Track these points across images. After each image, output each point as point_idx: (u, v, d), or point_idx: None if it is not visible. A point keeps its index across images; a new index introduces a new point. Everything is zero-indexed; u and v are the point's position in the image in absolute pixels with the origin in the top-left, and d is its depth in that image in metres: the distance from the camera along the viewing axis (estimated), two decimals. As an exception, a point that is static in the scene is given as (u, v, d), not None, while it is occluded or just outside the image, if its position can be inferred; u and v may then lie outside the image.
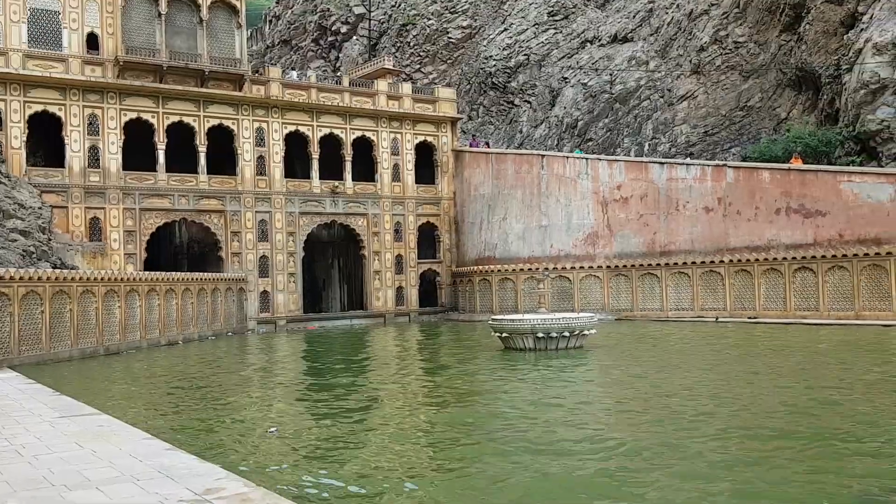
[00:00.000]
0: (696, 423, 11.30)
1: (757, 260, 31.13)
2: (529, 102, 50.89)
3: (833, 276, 28.91)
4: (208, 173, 36.47)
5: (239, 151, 37.30)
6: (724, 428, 10.94)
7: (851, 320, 27.74)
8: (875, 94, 31.22)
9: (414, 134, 42.21)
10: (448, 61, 55.69)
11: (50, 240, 29.71)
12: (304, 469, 9.38)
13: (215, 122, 36.63)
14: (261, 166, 37.91)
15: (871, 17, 32.88)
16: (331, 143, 39.92)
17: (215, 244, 36.98)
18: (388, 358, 24.34)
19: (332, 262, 44.82)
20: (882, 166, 30.21)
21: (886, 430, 10.34)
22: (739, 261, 31.69)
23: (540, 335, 21.15)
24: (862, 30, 33.16)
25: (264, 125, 37.98)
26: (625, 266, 35.46)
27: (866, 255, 27.89)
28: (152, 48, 34.64)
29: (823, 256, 29.12)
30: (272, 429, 11.61)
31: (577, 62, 48.95)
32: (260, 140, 37.89)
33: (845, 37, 34.75)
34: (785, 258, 30.26)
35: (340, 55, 60.16)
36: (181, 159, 36.26)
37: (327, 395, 15.44)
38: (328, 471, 9.19)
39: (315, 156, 39.20)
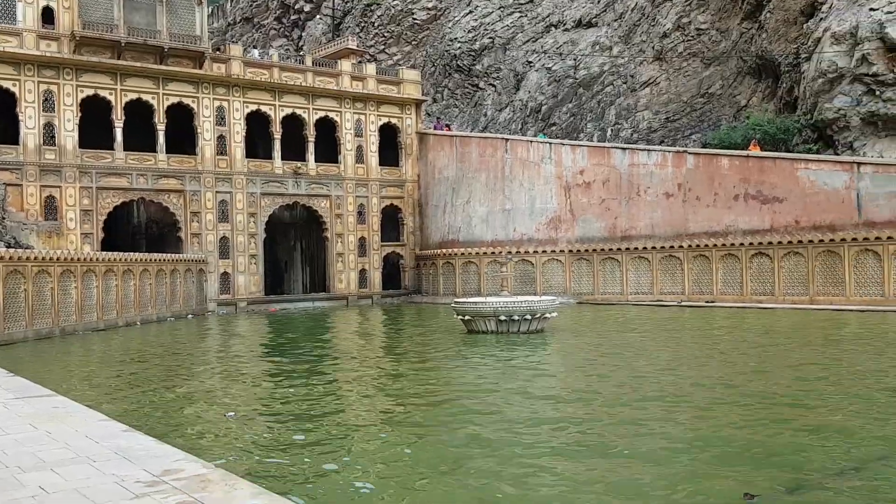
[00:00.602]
0: (647, 403, 11.49)
1: (715, 245, 31.64)
2: (494, 86, 50.86)
3: (789, 262, 29.52)
4: (167, 152, 35.87)
5: (199, 130, 36.70)
6: (675, 410, 11.14)
7: (806, 305, 28.38)
8: (832, 83, 31.79)
9: (378, 115, 41.95)
10: (413, 43, 55.33)
11: (4, 219, 28.99)
12: (263, 450, 9.34)
13: (175, 100, 35.97)
14: (221, 146, 37.38)
15: (829, 7, 33.41)
16: (293, 124, 39.49)
17: (174, 224, 36.44)
18: (349, 340, 24.29)
19: (295, 243, 44.48)
20: (838, 154, 30.83)
21: (831, 410, 10.63)
22: (698, 246, 32.17)
23: (502, 318, 21.26)
24: (821, 19, 33.69)
25: (225, 104, 37.40)
26: (587, 250, 35.78)
27: (821, 241, 28.50)
28: (110, 24, 33.83)
29: (780, 242, 29.70)
30: (230, 412, 11.52)
31: (542, 46, 48.99)
32: (221, 119, 37.33)
33: (805, 26, 35.28)
34: (742, 244, 30.79)
35: (303, 34, 59.43)
36: (140, 138, 35.59)
37: (286, 377, 15.36)
38: (287, 452, 9.16)
39: (277, 136, 38.76)
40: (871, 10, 30.36)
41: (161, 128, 35.53)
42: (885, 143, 30.36)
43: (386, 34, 55.86)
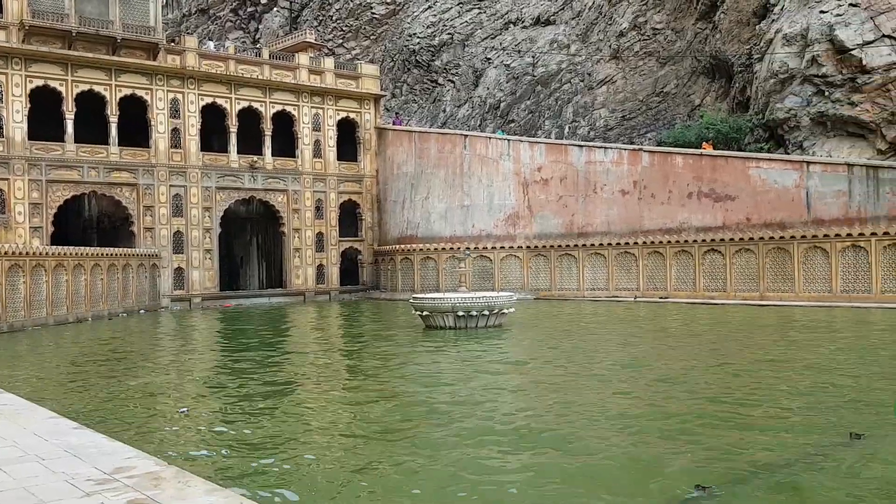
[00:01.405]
0: (601, 396, 11.64)
1: (669, 242, 32.14)
2: (453, 82, 50.90)
3: (740, 259, 30.13)
4: (120, 145, 35.14)
5: (153, 123, 36.03)
6: (628, 403, 11.31)
7: (756, 301, 29.01)
8: (784, 83, 32.50)
9: (336, 110, 41.66)
10: (371, 37, 55.07)
11: (-53, 211, 28.12)
12: (216, 447, 9.23)
13: (128, 91, 35.25)
14: (176, 139, 36.75)
15: (781, 9, 34.15)
16: (250, 117, 39.00)
17: (127, 219, 35.74)
18: (306, 337, 24.12)
19: (251, 238, 43.99)
20: (788, 154, 31.55)
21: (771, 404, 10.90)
22: (653, 242, 32.64)
23: (460, 314, 21.32)
24: (773, 21, 34.41)
25: (180, 96, 36.78)
26: (544, 247, 36.05)
27: (772, 238, 29.15)
28: (61, 13, 33.00)
29: (732, 239, 30.29)
30: (183, 408, 11.36)
31: (501, 43, 49.18)
32: (175, 111, 36.70)
33: (757, 27, 36.00)
34: (696, 241, 31.34)
35: (260, 27, 58.71)
36: (91, 130, 34.81)
37: (240, 373, 15.20)
38: (239, 448, 9.07)
39: (233, 129, 38.24)
40: (822, 12, 31.11)
41: (113, 120, 34.79)
42: (833, 143, 31.16)
43: (344, 28, 55.50)
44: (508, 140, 38.10)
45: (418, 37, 52.16)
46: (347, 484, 7.68)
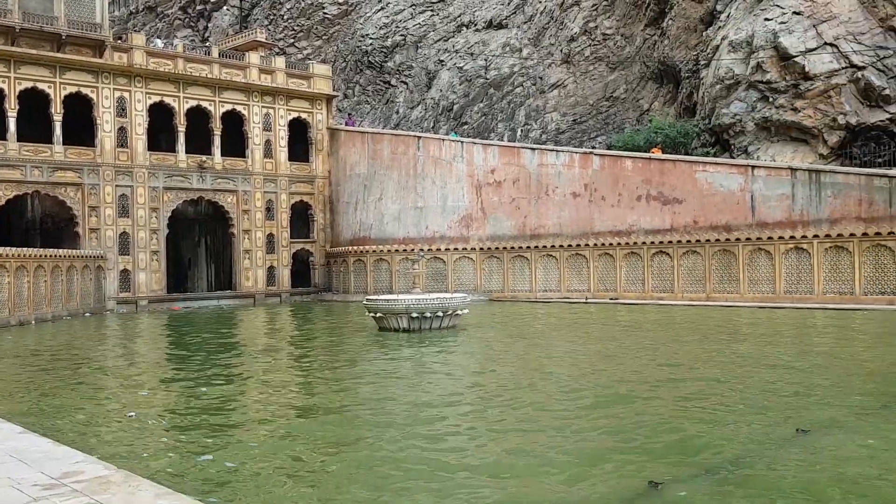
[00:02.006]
0: (553, 395, 11.76)
1: (619, 244, 32.62)
2: (406, 83, 50.88)
3: (687, 261, 30.74)
4: (65, 144, 34.26)
5: (98, 122, 35.21)
6: (580, 401, 11.45)
7: (703, 301, 29.62)
8: (729, 89, 33.29)
9: (287, 110, 41.27)
10: (323, 37, 54.72)
11: None
12: (164, 451, 9.06)
13: (73, 89, 34.38)
14: (122, 138, 35.97)
15: (727, 16, 34.98)
16: (199, 116, 38.39)
17: (71, 219, 34.84)
18: (255, 339, 23.82)
19: (199, 240, 43.29)
20: (734, 158, 32.30)
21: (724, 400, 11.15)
22: (603, 245, 33.09)
23: (414, 315, 21.29)
24: (719, 27, 35.23)
25: (126, 94, 36.01)
26: (497, 248, 36.26)
27: (718, 240, 29.81)
28: (3, 8, 32.08)
29: (679, 242, 30.89)
30: (130, 413, 11.12)
31: (454, 45, 49.34)
32: (121, 110, 35.92)
33: (704, 33, 36.82)
34: (644, 243, 31.86)
35: (210, 25, 57.84)
36: (35, 128, 33.87)
37: (188, 376, 14.94)
38: (188, 452, 8.92)
39: (181, 129, 37.59)
40: (766, 19, 31.95)
41: (58, 118, 33.90)
42: (777, 148, 32.02)
43: (295, 28, 55.03)
44: (462, 142, 38.23)
45: (371, 38, 52.01)
46: (293, 485, 7.60)
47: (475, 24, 49.46)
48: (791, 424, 9.23)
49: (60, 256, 31.18)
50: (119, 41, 36.93)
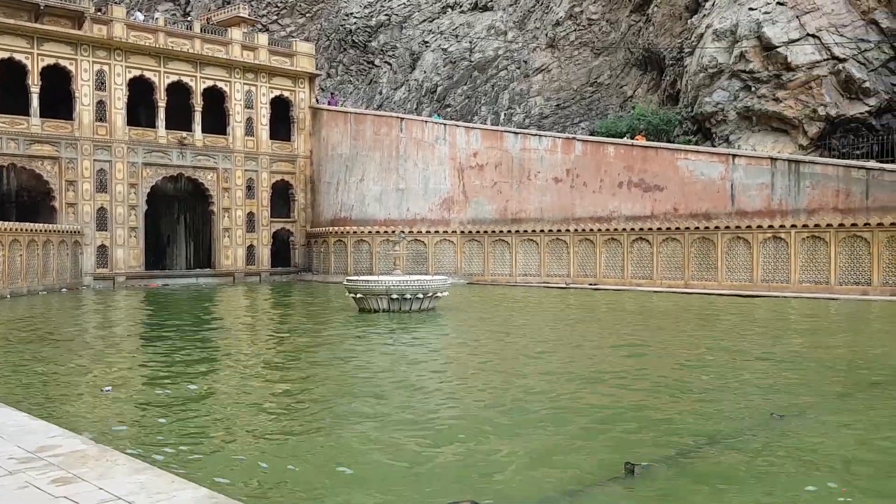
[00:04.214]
0: (530, 377, 11.84)
1: (600, 230, 32.76)
2: (390, 64, 50.57)
3: (667, 248, 30.95)
4: (42, 116, 33.75)
5: (77, 95, 34.69)
6: (556, 383, 11.53)
7: (681, 288, 29.87)
8: (713, 77, 33.41)
9: (270, 87, 40.87)
10: (307, 15, 54.18)
11: None
12: (141, 426, 9.03)
13: (51, 61, 33.82)
14: (101, 112, 35.48)
15: (712, 4, 35.04)
16: (180, 92, 37.93)
17: (48, 193, 34.38)
18: (233, 317, 23.73)
19: (178, 217, 42.92)
20: (715, 146, 32.49)
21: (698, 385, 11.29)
22: (584, 230, 33.22)
23: (394, 297, 21.32)
24: (704, 15, 35.29)
25: (106, 68, 35.48)
26: (478, 232, 36.29)
27: (697, 228, 30.02)
28: (-23, -26, 31.38)
29: (659, 229, 31.07)
30: (106, 387, 11.05)
31: (438, 27, 49.06)
32: (101, 84, 35.40)
33: (689, 21, 36.88)
34: (625, 229, 32.02)
35: None
36: (11, 100, 33.29)
37: (165, 352, 14.87)
38: (165, 428, 8.89)
39: (162, 104, 37.14)
40: (751, 9, 32.05)
41: (35, 90, 33.35)
42: (757, 138, 32.24)
43: (279, 4, 54.43)
44: (445, 125, 38.11)
45: (355, 17, 51.58)
46: (274, 462, 7.61)
47: (460, 6, 49.19)
48: (765, 409, 9.35)
49: (37, 231, 30.80)
50: (99, 13, 36.30)
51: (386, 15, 50.83)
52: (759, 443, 8.06)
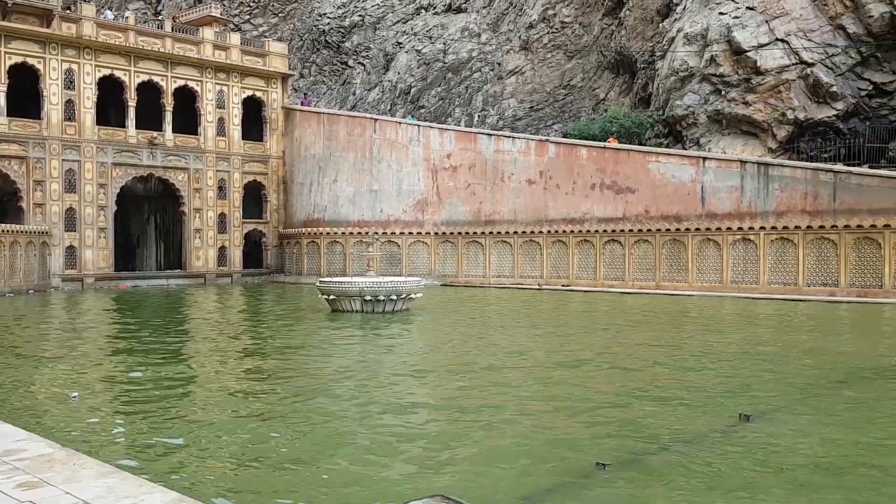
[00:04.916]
0: (502, 378, 11.88)
1: (572, 232, 32.96)
2: (363, 65, 50.45)
3: (638, 249, 31.22)
4: (9, 115, 33.19)
5: (45, 93, 34.17)
6: (529, 384, 11.58)
7: (652, 290, 30.15)
8: (683, 81, 33.77)
9: (242, 87, 40.57)
10: (280, 14, 53.89)
11: None
12: (109, 431, 8.91)
13: (18, 59, 33.29)
14: (70, 111, 34.98)
15: (683, 9, 35.42)
16: (150, 91, 37.51)
17: (15, 193, 33.81)
18: (205, 319, 23.50)
19: (149, 218, 42.45)
20: (686, 149, 32.84)
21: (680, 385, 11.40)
22: (557, 232, 33.40)
23: (367, 298, 21.27)
24: (675, 19, 35.66)
25: (75, 66, 34.99)
26: (452, 233, 36.33)
27: (668, 230, 30.32)
28: (-58, -31, 30.80)
29: (631, 230, 31.34)
30: (74, 394, 10.88)
31: (412, 28, 49.05)
32: (69, 82, 34.90)
33: (661, 25, 37.24)
34: (597, 231, 32.25)
35: (163, -2, 56.44)
36: (-25, 97, 32.71)
37: (134, 356, 14.69)
38: (133, 433, 8.79)
39: (132, 103, 36.70)
40: (721, 14, 32.45)
41: (2, 89, 32.80)
42: (727, 141, 32.64)
43: (252, 4, 54.08)
44: (418, 126, 38.11)
45: (328, 17, 51.40)
46: (242, 468, 7.55)
47: (434, 7, 49.23)
48: (734, 410, 9.46)
49: (3, 231, 30.28)
50: (68, 11, 35.79)
51: (360, 16, 50.72)
52: (727, 444, 8.15)
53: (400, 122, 38.88)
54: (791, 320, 21.02)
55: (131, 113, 36.73)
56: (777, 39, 31.28)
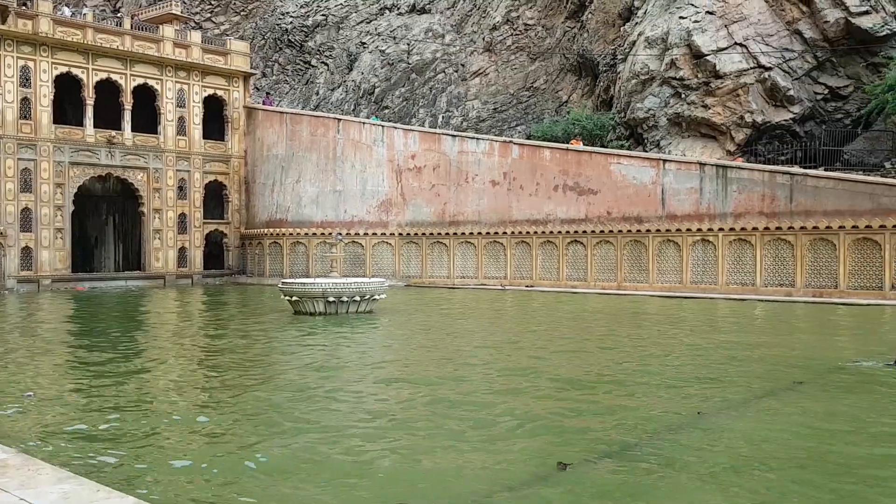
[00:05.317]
0: (464, 379, 11.92)
1: (536, 233, 33.18)
2: (327, 64, 50.19)
3: (600, 250, 31.54)
4: (-40, 112, 32.39)
5: (0, 91, 33.43)
6: (490, 384, 11.64)
7: (614, 290, 30.48)
8: (644, 84, 34.20)
9: (203, 86, 40.09)
10: (242, 13, 53.36)
11: None
12: (64, 434, 8.74)
13: (-30, 55, 32.50)
14: (25, 109, 34.24)
15: (644, 13, 35.88)
16: (109, 90, 36.88)
17: (-33, 193, 33.00)
18: (165, 321, 23.18)
19: (107, 218, 41.74)
20: (647, 151, 33.26)
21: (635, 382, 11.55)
22: (520, 233, 33.59)
23: (331, 299, 21.16)
24: (637, 23, 36.11)
25: (31, 64, 34.27)
26: (416, 234, 36.32)
27: (629, 231, 30.69)
28: None
29: (593, 231, 31.65)
30: (28, 393, 10.66)
31: (376, 28, 48.93)
32: (25, 80, 34.17)
33: (622, 29, 37.67)
34: (560, 232, 32.51)
35: (122, -5, 55.51)
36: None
37: (91, 357, 14.43)
38: (89, 435, 8.64)
39: (90, 102, 36.06)
40: (681, 18, 32.94)
41: (-48, 85, 32.01)
42: (687, 143, 33.14)
43: (213, 2, 53.47)
44: (382, 126, 38.03)
45: (291, 16, 51.03)
46: (197, 472, 7.47)
47: (398, 8, 49.17)
48: (691, 408, 9.60)
49: (-46, 232, 29.53)
50: (24, 7, 35.05)
51: (323, 15, 50.45)
52: (686, 440, 8.28)
53: (364, 123, 38.76)
54: (748, 320, 21.40)
55: (89, 111, 36.08)
56: (736, 44, 31.85)
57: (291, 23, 50.83)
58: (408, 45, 46.87)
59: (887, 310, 22.96)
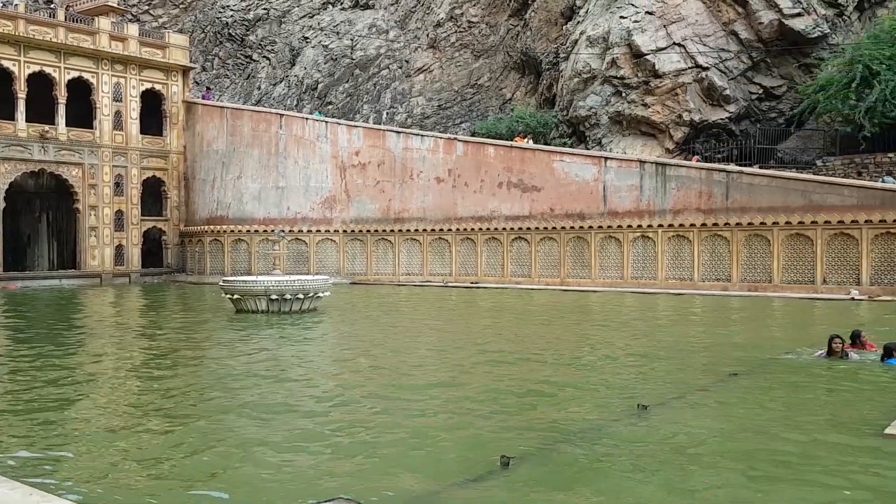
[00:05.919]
0: (408, 375, 11.93)
1: (481, 229, 33.33)
2: (269, 59, 49.49)
3: (544, 247, 31.86)
4: None
5: (-77, 82, 32.04)
6: (433, 380, 11.67)
7: (557, 286, 30.84)
8: (586, 83, 34.65)
9: (140, 80, 39.10)
10: (181, 6, 52.21)
11: None
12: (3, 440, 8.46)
13: None
14: (-49, 102, 32.90)
15: (586, 12, 36.34)
16: (42, 83, 35.67)
17: None
18: (99, 321, 22.57)
19: (40, 215, 40.42)
20: (589, 149, 33.71)
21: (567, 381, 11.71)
22: (465, 230, 33.70)
23: (273, 297, 20.91)
24: (579, 22, 36.55)
25: (-43, 54, 32.92)
26: (361, 231, 36.11)
27: (572, 228, 31.07)
28: None
29: (537, 228, 31.95)
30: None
31: (319, 23, 48.45)
32: (-49, 71, 32.82)
33: (564, 27, 38.08)
34: (505, 228, 32.73)
35: (55, -15, 53.75)
36: None
37: (22, 360, 13.97)
38: (21, 438, 8.37)
39: (21, 95, 34.82)
40: (622, 17, 33.46)
41: None
42: (628, 141, 33.70)
43: (151, -6, 52.13)
44: (326, 122, 37.69)
45: (232, 9, 50.17)
46: (130, 474, 7.31)
47: (341, 3, 48.77)
48: (632, 400, 9.78)
49: None
50: (-52, -5, 33.69)
51: (264, 9, 49.72)
52: (627, 433, 8.43)
53: (307, 118, 38.35)
54: (686, 314, 21.90)
55: (21, 105, 34.86)
56: (674, 44, 32.51)
57: (232, 16, 49.96)
58: (351, 40, 46.54)
59: (818, 303, 23.76)
